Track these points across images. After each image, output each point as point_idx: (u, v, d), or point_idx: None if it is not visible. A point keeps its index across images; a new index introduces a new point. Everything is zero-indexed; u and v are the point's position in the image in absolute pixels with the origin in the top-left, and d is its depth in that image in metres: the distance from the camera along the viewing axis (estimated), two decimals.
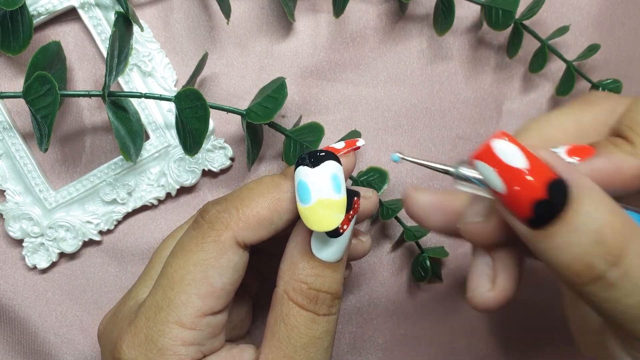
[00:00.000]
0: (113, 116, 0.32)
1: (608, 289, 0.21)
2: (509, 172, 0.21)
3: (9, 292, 0.38)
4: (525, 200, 0.21)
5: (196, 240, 0.27)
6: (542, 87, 0.41)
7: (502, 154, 0.21)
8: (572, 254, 0.21)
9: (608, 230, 0.21)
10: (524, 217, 0.21)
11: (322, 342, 0.27)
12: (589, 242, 0.21)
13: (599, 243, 0.21)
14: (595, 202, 0.21)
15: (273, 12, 0.39)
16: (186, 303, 0.26)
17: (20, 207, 0.37)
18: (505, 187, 0.21)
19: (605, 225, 0.21)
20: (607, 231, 0.21)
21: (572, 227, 0.21)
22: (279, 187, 0.27)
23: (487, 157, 0.22)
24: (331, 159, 0.25)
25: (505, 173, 0.21)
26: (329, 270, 0.27)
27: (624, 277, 0.21)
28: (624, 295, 0.21)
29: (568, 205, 0.21)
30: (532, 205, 0.21)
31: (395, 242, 0.39)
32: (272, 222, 0.27)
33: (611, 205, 0.21)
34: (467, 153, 0.40)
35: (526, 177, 0.21)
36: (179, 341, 0.26)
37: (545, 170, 0.21)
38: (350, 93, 0.39)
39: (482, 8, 0.37)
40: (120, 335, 0.27)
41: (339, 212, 0.25)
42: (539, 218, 0.21)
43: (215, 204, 0.27)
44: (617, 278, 0.21)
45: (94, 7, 0.36)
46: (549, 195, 0.21)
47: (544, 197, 0.21)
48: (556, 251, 0.21)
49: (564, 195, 0.21)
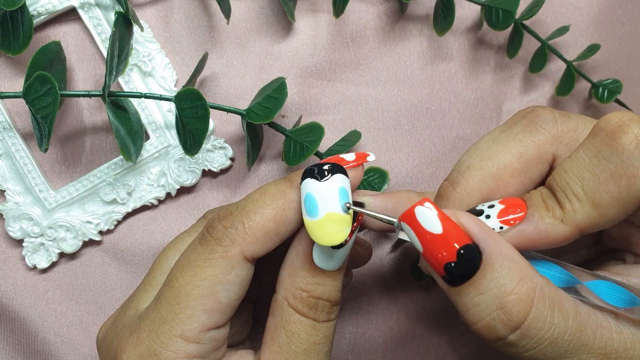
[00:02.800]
0: (113, 116, 0.32)
1: (510, 346, 0.23)
2: (426, 236, 0.24)
3: (9, 292, 0.38)
4: (439, 261, 0.23)
5: (204, 256, 0.26)
6: (542, 87, 0.41)
7: (422, 220, 0.24)
8: (476, 314, 0.23)
9: (512, 297, 0.23)
10: (439, 274, 0.24)
11: (322, 347, 0.27)
12: (492, 307, 0.23)
13: (502, 309, 0.23)
14: (505, 269, 0.23)
15: (273, 12, 0.39)
16: (192, 317, 0.26)
17: (20, 207, 0.37)
18: (422, 248, 0.24)
19: (510, 293, 0.23)
20: (510, 298, 0.23)
21: (479, 290, 0.23)
22: (284, 197, 0.27)
23: (410, 220, 0.24)
24: (340, 173, 0.25)
25: (423, 237, 0.24)
26: (329, 279, 0.27)
27: (524, 339, 0.23)
28: (525, 351, 0.23)
29: (479, 269, 0.23)
30: (444, 266, 0.23)
31: (395, 242, 0.39)
32: (278, 233, 0.27)
33: (521, 272, 0.23)
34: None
35: (440, 241, 0.23)
36: (182, 354, 0.26)
37: (459, 235, 0.23)
38: (350, 93, 0.39)
39: (482, 8, 0.37)
40: (121, 346, 0.27)
41: (346, 226, 0.25)
42: (450, 277, 0.24)
43: (222, 219, 0.27)
44: (517, 339, 0.23)
45: (94, 7, 0.36)
46: (458, 258, 0.23)
47: (454, 260, 0.23)
48: (464, 308, 0.24)
49: (475, 259, 0.23)
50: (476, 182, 0.27)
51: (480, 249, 0.23)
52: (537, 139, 0.27)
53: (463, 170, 0.27)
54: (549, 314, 0.23)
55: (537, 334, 0.23)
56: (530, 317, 0.23)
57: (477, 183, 0.27)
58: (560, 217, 0.24)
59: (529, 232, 0.25)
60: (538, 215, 0.25)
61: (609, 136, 0.24)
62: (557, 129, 0.27)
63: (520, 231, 0.25)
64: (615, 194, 0.24)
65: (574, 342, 0.23)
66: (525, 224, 0.25)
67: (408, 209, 0.24)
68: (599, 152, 0.24)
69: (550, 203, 0.25)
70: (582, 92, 0.41)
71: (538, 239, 0.25)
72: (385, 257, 0.40)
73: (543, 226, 0.24)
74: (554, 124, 0.27)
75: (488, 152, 0.27)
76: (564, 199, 0.25)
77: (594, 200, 0.24)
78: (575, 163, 0.25)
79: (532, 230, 0.25)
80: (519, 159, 0.27)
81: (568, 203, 0.24)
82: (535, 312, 0.23)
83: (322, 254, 0.26)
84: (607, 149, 0.24)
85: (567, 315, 0.23)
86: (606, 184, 0.24)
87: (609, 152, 0.24)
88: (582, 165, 0.24)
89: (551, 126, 0.27)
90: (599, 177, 0.24)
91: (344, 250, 0.27)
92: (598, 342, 0.24)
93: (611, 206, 0.24)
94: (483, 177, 0.27)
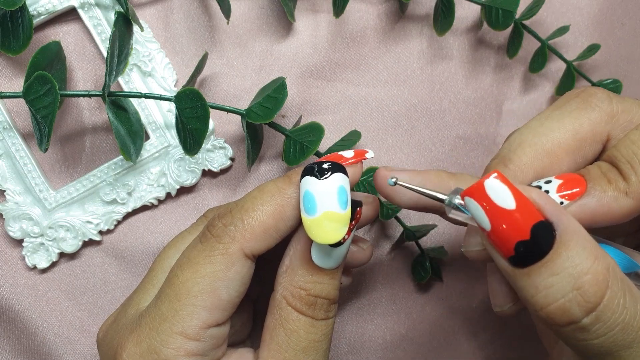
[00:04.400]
0: (113, 116, 0.32)
1: (581, 332, 0.22)
2: (497, 212, 0.22)
3: (9, 292, 0.38)
4: (509, 240, 0.22)
5: (204, 254, 0.27)
6: (542, 87, 0.41)
7: (493, 194, 0.22)
8: (549, 296, 0.21)
9: (588, 277, 0.21)
10: (506, 254, 0.22)
11: (321, 345, 0.28)
12: (568, 288, 0.21)
13: (578, 289, 0.21)
14: (580, 247, 0.21)
15: (273, 12, 0.39)
16: (192, 314, 0.26)
17: (20, 207, 0.37)
18: (491, 226, 0.22)
19: (587, 272, 0.21)
20: (587, 278, 0.21)
21: (553, 270, 0.21)
22: (282, 193, 0.27)
23: (478, 195, 0.22)
24: (339, 171, 0.25)
25: (494, 213, 0.22)
26: (327, 277, 0.27)
27: (597, 323, 0.21)
28: (596, 337, 0.22)
29: (552, 248, 0.21)
30: (515, 245, 0.22)
31: (395, 242, 0.39)
32: (277, 229, 0.27)
33: (595, 251, 0.22)
34: (467, 153, 0.40)
35: (512, 218, 0.21)
36: (182, 352, 0.26)
37: (532, 212, 0.22)
38: (350, 93, 0.39)
39: (482, 8, 0.37)
40: (121, 344, 0.27)
41: (343, 225, 0.25)
42: (521, 258, 0.22)
43: (221, 217, 0.27)
44: (590, 323, 0.21)
45: (94, 7, 0.36)
46: (532, 237, 0.21)
47: (527, 239, 0.21)
48: (534, 291, 0.22)
49: (548, 237, 0.21)
50: (529, 159, 0.25)
51: (553, 226, 0.22)
52: (593, 117, 0.26)
53: (515, 147, 0.26)
54: (622, 296, 0.21)
55: (611, 317, 0.21)
56: (606, 298, 0.21)
57: (531, 160, 0.25)
58: (625, 190, 0.23)
59: (591, 207, 0.23)
60: (600, 189, 0.24)
61: None
62: (612, 108, 0.26)
63: (581, 205, 0.23)
64: None
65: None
66: (587, 197, 0.23)
67: (476, 182, 0.22)
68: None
69: (612, 176, 0.24)
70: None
71: (601, 213, 0.23)
72: (385, 257, 0.40)
73: (606, 199, 0.23)
74: (609, 103, 0.26)
75: (541, 128, 0.26)
76: (629, 171, 0.24)
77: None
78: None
79: (594, 204, 0.23)
80: (574, 135, 0.25)
81: (634, 174, 0.23)
82: (610, 294, 0.21)
83: (320, 253, 0.27)
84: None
85: (636, 299, 0.22)
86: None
87: None
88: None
89: (606, 105, 0.26)
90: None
91: (342, 248, 0.27)
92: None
93: None
94: (536, 153, 0.25)
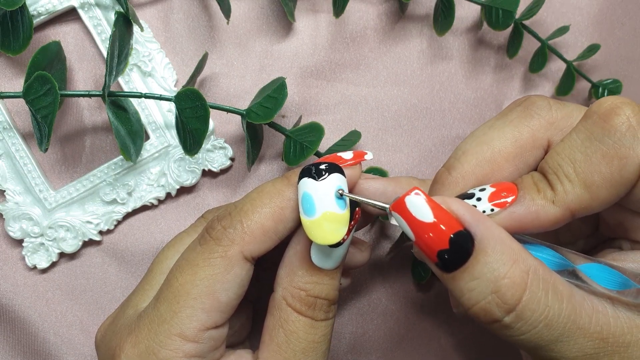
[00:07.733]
0: (113, 116, 0.32)
1: (506, 329, 0.24)
2: (417, 225, 0.24)
3: (9, 292, 0.38)
4: (432, 249, 0.24)
5: (203, 256, 0.27)
6: (542, 87, 0.41)
7: (412, 209, 0.24)
8: (472, 298, 0.23)
9: (506, 281, 0.23)
10: (433, 261, 0.24)
11: (321, 346, 0.28)
12: (487, 291, 0.23)
13: (496, 292, 0.23)
14: (498, 253, 0.23)
15: (273, 12, 0.39)
16: (191, 316, 0.26)
17: (20, 207, 0.37)
18: (414, 236, 0.24)
19: (504, 276, 0.23)
20: (504, 282, 0.23)
21: (473, 275, 0.23)
22: (281, 195, 0.27)
23: (400, 209, 0.24)
24: (337, 172, 0.25)
25: (414, 225, 0.24)
26: (326, 278, 0.27)
27: (519, 321, 0.23)
28: (521, 334, 0.23)
29: (471, 254, 0.23)
30: (437, 253, 0.23)
31: (395, 242, 0.39)
32: (277, 231, 0.27)
33: (514, 255, 0.23)
34: None
35: (432, 229, 0.23)
36: (181, 353, 0.26)
37: (451, 223, 0.23)
38: (350, 93, 0.39)
39: (482, 8, 0.37)
40: (120, 345, 0.27)
41: (343, 225, 0.25)
42: (444, 264, 0.24)
43: (220, 219, 0.27)
44: (512, 322, 0.23)
45: (94, 7, 0.36)
46: (451, 245, 0.23)
47: (446, 248, 0.23)
48: (459, 293, 0.24)
49: (467, 245, 0.23)
50: (471, 167, 0.27)
51: (472, 234, 0.23)
52: (532, 124, 0.27)
53: (459, 155, 0.27)
54: (542, 296, 0.23)
55: (531, 316, 0.23)
56: (524, 299, 0.23)
57: (472, 167, 0.27)
58: (552, 199, 0.24)
59: (519, 214, 0.25)
60: (529, 197, 0.25)
61: (601, 118, 0.24)
62: (552, 115, 0.27)
63: (511, 212, 0.25)
64: (607, 175, 0.24)
65: (569, 325, 0.23)
66: (516, 205, 0.25)
67: (398, 198, 0.24)
68: (592, 134, 0.24)
69: (541, 185, 0.25)
70: (582, 92, 0.41)
71: (529, 220, 0.25)
72: (385, 257, 0.40)
73: (534, 207, 0.25)
74: (549, 110, 0.27)
75: (484, 137, 0.27)
76: (555, 181, 0.25)
77: (586, 181, 0.24)
78: (568, 145, 0.25)
79: (522, 211, 0.25)
80: (513, 143, 0.27)
81: (559, 184, 0.24)
82: (529, 295, 0.23)
83: (319, 253, 0.27)
84: (600, 130, 0.24)
85: (561, 297, 0.23)
86: (598, 165, 0.24)
87: (601, 133, 0.24)
88: (574, 147, 0.25)
89: (546, 112, 0.27)
90: (591, 159, 0.24)
91: (341, 249, 0.27)
92: (594, 326, 0.24)
93: (602, 187, 0.24)
94: (478, 161, 0.27)
